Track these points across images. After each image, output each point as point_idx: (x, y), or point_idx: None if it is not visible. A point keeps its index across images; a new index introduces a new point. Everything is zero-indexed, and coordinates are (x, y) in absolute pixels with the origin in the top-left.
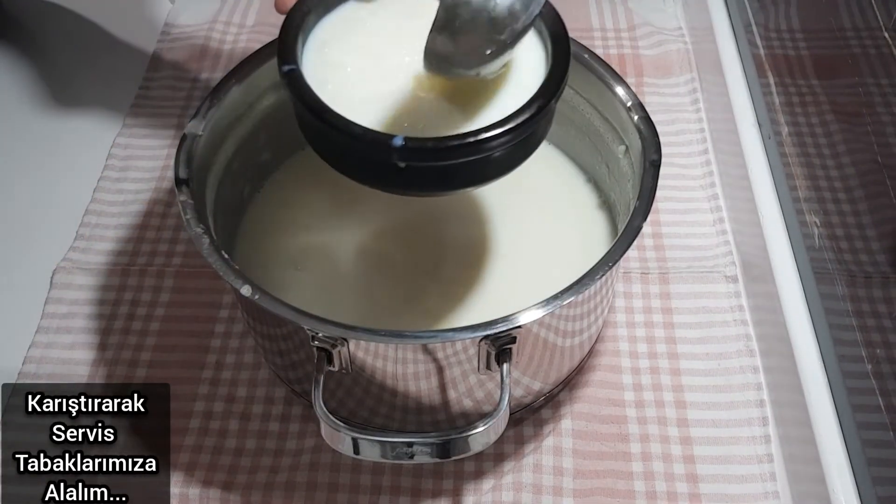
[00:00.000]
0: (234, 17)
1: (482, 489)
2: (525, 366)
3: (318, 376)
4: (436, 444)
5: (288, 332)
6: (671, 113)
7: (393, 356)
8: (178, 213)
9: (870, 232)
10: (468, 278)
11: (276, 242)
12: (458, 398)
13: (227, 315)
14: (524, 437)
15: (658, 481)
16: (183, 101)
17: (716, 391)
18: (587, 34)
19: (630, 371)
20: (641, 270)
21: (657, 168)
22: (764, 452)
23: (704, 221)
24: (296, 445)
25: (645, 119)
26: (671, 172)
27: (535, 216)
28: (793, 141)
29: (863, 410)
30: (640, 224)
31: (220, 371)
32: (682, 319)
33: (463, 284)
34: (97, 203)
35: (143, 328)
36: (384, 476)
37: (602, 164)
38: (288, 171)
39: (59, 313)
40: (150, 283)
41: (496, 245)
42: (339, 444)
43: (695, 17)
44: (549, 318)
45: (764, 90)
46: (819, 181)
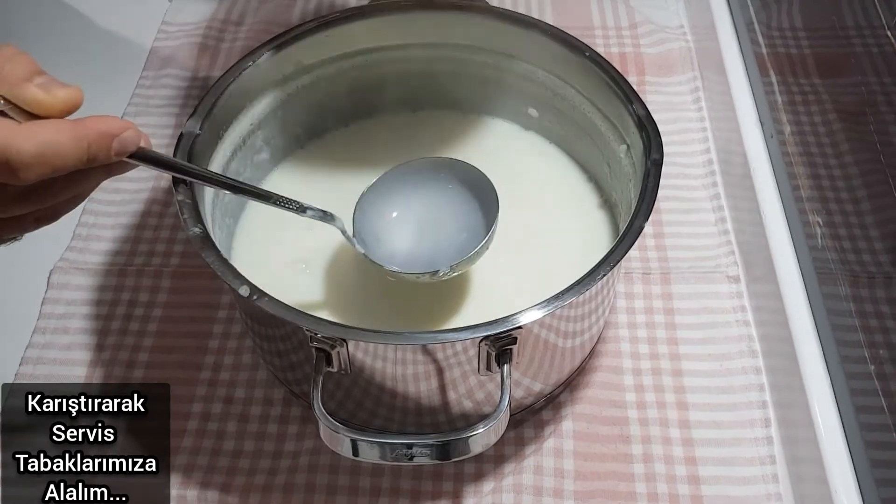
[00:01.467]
0: (232, 16)
1: (482, 491)
2: (526, 367)
3: (316, 377)
4: (435, 445)
5: (286, 332)
6: (673, 112)
7: (392, 357)
8: (176, 213)
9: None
10: (468, 278)
11: (275, 242)
12: (458, 399)
13: (225, 316)
14: (525, 439)
15: (659, 483)
16: (181, 99)
17: (718, 392)
18: (588, 32)
19: (631, 372)
20: (643, 270)
21: (659, 167)
22: (766, 454)
23: (706, 221)
24: (294, 447)
25: (647, 118)
26: (673, 172)
27: (535, 216)
28: (795, 140)
29: (866, 411)
30: (642, 224)
31: (218, 372)
32: (684, 320)
33: (463, 285)
34: (94, 203)
35: (140, 329)
36: (383, 478)
37: (603, 163)
38: (286, 170)
39: (56, 314)
40: (147, 284)
41: (496, 245)
42: (337, 445)
43: (697, 15)
44: (550, 318)
45: (766, 89)
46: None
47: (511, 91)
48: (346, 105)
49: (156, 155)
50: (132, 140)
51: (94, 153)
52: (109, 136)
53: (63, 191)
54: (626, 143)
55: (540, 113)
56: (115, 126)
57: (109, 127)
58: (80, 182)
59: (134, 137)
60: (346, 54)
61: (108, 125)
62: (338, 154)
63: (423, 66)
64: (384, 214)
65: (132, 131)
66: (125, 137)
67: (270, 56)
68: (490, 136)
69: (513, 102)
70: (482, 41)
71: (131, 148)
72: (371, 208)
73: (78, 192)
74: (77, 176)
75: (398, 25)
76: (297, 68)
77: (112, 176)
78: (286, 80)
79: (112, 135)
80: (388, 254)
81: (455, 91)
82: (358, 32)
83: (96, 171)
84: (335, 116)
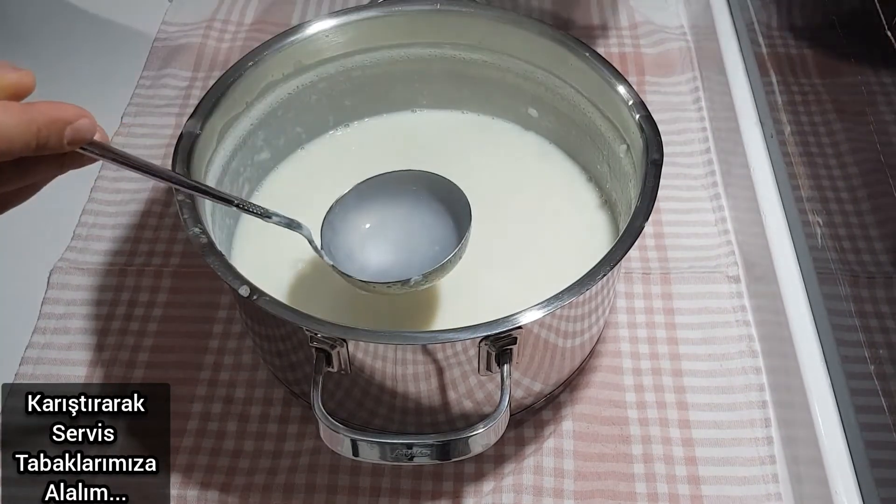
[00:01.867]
0: (232, 16)
1: (482, 491)
2: (526, 367)
3: (316, 377)
4: (435, 445)
5: (286, 332)
6: (673, 112)
7: (392, 357)
8: (176, 213)
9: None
10: (468, 278)
11: (275, 242)
12: (458, 399)
13: (226, 316)
14: (525, 439)
15: (660, 483)
16: (181, 99)
17: (718, 392)
18: (588, 32)
19: (631, 372)
20: (643, 270)
21: (659, 167)
22: (766, 454)
23: (706, 221)
24: (294, 447)
25: (646, 118)
26: (673, 172)
27: (535, 216)
28: (795, 140)
29: (866, 411)
30: (642, 224)
31: (218, 372)
32: (684, 320)
33: (462, 285)
34: (94, 203)
35: (140, 329)
36: (383, 478)
37: (603, 163)
38: (286, 170)
39: (56, 314)
40: (147, 284)
41: (496, 245)
42: (337, 445)
43: (697, 15)
44: (550, 318)
45: (766, 89)
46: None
47: (511, 91)
48: (346, 105)
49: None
50: (87, 129)
51: (45, 139)
52: (62, 123)
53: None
54: (626, 143)
55: (540, 113)
56: (69, 113)
57: (62, 113)
58: (30, 172)
59: (89, 126)
60: (347, 54)
61: (60, 111)
62: (338, 154)
63: (423, 66)
64: (354, 228)
65: (87, 120)
66: (79, 126)
67: (270, 56)
68: (490, 136)
69: (513, 102)
70: (482, 41)
71: (87, 137)
72: (340, 222)
73: (27, 182)
74: (26, 164)
75: (398, 25)
76: (297, 68)
77: (66, 170)
78: (286, 80)
79: (65, 121)
80: (359, 268)
81: (455, 91)
82: (358, 32)
83: (49, 162)
84: (335, 116)
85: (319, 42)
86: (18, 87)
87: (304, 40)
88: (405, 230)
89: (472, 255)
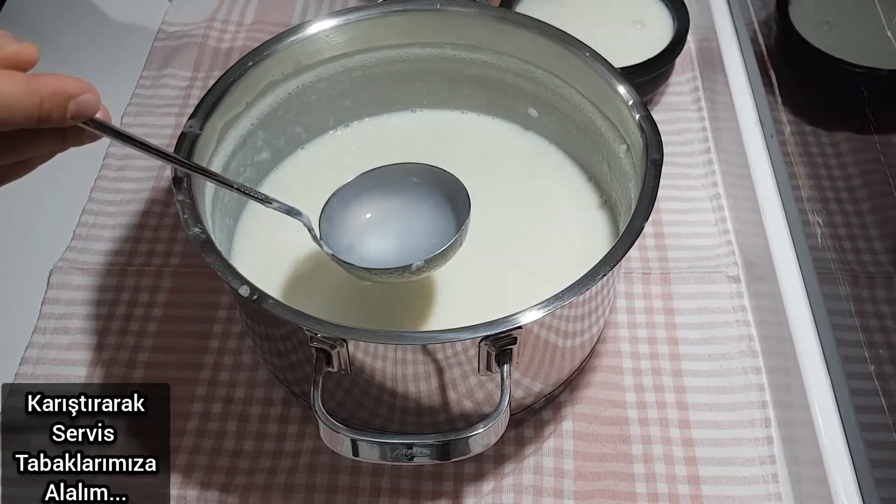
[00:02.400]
0: (232, 16)
1: (482, 491)
2: (526, 367)
3: (316, 377)
4: (435, 445)
5: (286, 332)
6: (673, 112)
7: (392, 357)
8: (176, 213)
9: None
10: (468, 278)
11: (275, 242)
12: (457, 399)
13: (226, 316)
14: (525, 439)
15: (659, 483)
16: (181, 99)
17: (718, 392)
18: None
19: (631, 372)
20: (643, 270)
21: (659, 167)
22: (766, 454)
23: (706, 221)
24: (294, 447)
25: (646, 118)
26: (673, 172)
27: (535, 216)
28: (795, 140)
29: (866, 411)
30: (642, 224)
31: (218, 372)
32: (684, 320)
33: (463, 285)
34: (94, 203)
35: (140, 329)
36: (383, 478)
37: (603, 163)
38: (286, 170)
39: (56, 314)
40: (147, 284)
41: (496, 245)
42: (337, 445)
43: (697, 15)
44: (550, 318)
45: (766, 89)
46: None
47: (511, 91)
48: (346, 105)
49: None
50: (90, 104)
51: (48, 112)
52: (66, 96)
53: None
54: (626, 143)
55: (540, 113)
56: (73, 86)
57: (66, 86)
58: (30, 145)
59: (93, 101)
60: (347, 54)
61: (65, 84)
62: (338, 154)
63: (423, 66)
64: (354, 220)
65: (91, 95)
66: (83, 100)
67: (270, 56)
68: (490, 136)
69: (513, 102)
70: (482, 41)
71: (90, 112)
72: (338, 215)
73: (26, 156)
74: (27, 137)
75: (398, 25)
76: (297, 68)
77: (67, 147)
78: (286, 80)
79: (69, 94)
80: (359, 260)
81: (455, 91)
82: (358, 32)
83: (50, 137)
84: (335, 116)
85: (319, 42)
86: (21, 57)
87: (304, 40)
88: (404, 221)
89: (472, 255)
